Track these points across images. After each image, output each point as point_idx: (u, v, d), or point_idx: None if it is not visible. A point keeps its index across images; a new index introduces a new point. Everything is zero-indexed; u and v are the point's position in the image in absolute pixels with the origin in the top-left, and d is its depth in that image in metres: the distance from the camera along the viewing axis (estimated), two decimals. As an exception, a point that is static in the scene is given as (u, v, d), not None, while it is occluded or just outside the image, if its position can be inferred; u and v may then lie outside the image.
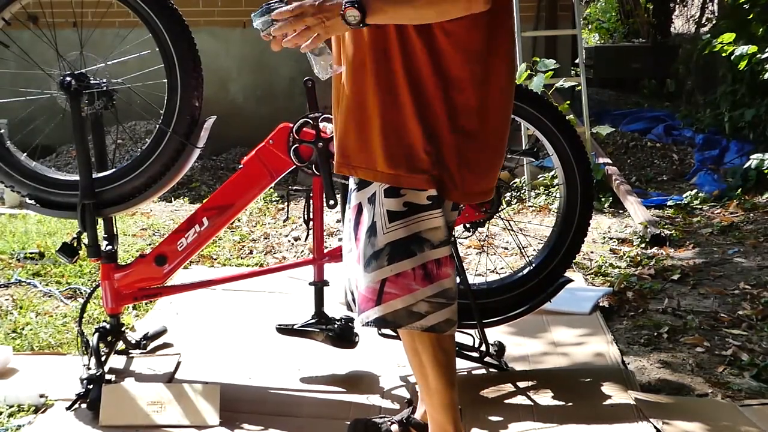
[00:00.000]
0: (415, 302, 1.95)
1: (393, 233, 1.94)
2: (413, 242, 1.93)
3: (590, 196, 2.82)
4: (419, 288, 1.94)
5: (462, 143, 1.92)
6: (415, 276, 1.94)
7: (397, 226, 1.94)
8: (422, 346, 2.00)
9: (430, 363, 2.01)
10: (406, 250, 1.93)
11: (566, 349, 2.98)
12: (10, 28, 2.74)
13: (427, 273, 1.94)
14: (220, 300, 3.49)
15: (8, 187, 2.73)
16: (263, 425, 2.44)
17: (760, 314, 3.27)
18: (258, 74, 7.11)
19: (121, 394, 2.48)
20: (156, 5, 2.57)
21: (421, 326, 1.96)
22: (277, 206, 5.28)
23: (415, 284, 1.94)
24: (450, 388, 2.03)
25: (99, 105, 2.66)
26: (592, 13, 12.75)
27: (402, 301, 1.94)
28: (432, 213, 1.94)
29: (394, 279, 1.94)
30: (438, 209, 1.94)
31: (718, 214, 4.89)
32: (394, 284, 1.94)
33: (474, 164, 1.95)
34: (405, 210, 1.93)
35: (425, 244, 1.93)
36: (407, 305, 1.95)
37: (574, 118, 5.35)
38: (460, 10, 1.80)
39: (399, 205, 1.93)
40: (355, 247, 2.03)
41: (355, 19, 1.76)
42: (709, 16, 10.50)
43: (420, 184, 1.92)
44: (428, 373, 2.03)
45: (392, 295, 1.95)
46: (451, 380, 2.04)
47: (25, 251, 4.08)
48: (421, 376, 2.05)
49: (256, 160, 2.66)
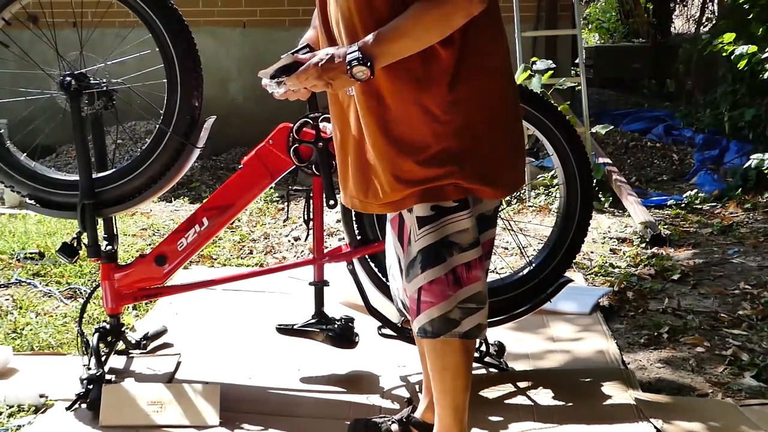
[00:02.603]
0: (450, 309, 1.92)
1: (423, 239, 1.93)
2: (443, 247, 1.91)
3: (590, 196, 2.82)
4: (453, 294, 1.92)
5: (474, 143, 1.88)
6: (448, 282, 1.91)
7: (426, 232, 1.92)
8: (450, 347, 1.98)
9: (453, 364, 1.99)
10: (437, 256, 1.91)
11: (566, 348, 2.98)
12: (10, 28, 2.74)
13: (457, 277, 1.92)
14: (220, 300, 3.49)
15: (8, 187, 2.73)
16: (263, 425, 2.44)
17: (761, 314, 3.27)
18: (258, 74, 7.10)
19: (121, 394, 2.48)
20: (156, 5, 2.57)
21: (458, 333, 1.94)
22: (277, 206, 5.28)
23: (449, 290, 1.91)
24: (465, 392, 2.03)
25: (99, 105, 2.66)
26: (592, 13, 12.76)
27: (438, 308, 1.93)
28: (460, 215, 1.91)
29: (428, 287, 1.92)
30: (466, 210, 1.92)
31: (718, 214, 4.89)
32: (429, 292, 1.93)
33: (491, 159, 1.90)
34: (433, 214, 1.91)
35: (454, 247, 1.92)
36: (444, 312, 1.93)
37: (574, 118, 5.35)
38: (462, 18, 1.77)
39: (427, 210, 1.91)
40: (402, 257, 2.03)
41: (364, 74, 1.76)
42: (709, 16, 10.49)
43: (447, 195, 1.90)
44: (447, 377, 2.00)
45: (428, 303, 1.93)
46: (467, 383, 2.03)
47: (25, 251, 4.08)
48: (440, 376, 2.02)
49: (256, 160, 2.66)
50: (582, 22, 8.17)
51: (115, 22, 4.64)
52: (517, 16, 5.41)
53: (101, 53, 2.75)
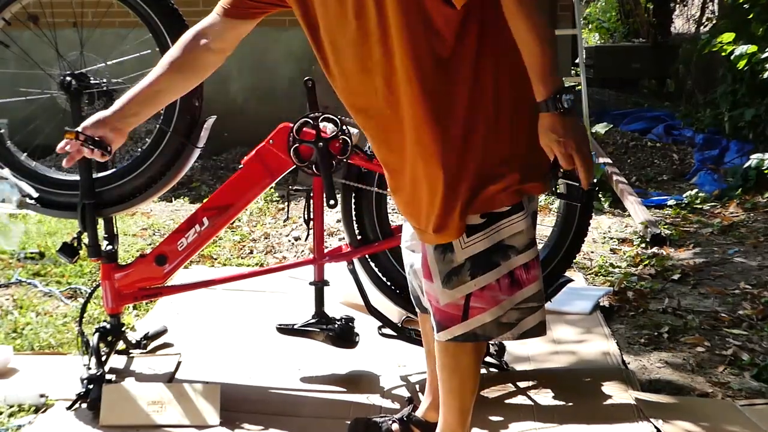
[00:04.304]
0: (503, 313, 1.88)
1: (472, 247, 1.85)
2: (496, 252, 1.85)
3: (590, 196, 2.81)
4: (507, 297, 1.87)
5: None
6: (500, 286, 1.86)
7: (476, 239, 1.85)
8: (462, 349, 1.95)
9: (465, 366, 1.98)
10: (488, 263, 1.85)
11: (567, 348, 2.98)
12: (10, 28, 2.74)
13: (515, 280, 1.87)
14: (220, 300, 3.49)
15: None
16: (263, 425, 2.44)
17: (761, 314, 3.27)
18: (258, 74, 7.10)
19: (121, 394, 2.48)
20: (156, 5, 2.57)
21: (513, 335, 1.91)
22: (277, 206, 5.28)
23: (502, 295, 1.87)
24: (472, 394, 2.02)
25: (99, 105, 2.66)
26: (592, 12, 12.74)
27: (490, 314, 1.88)
28: (513, 218, 1.84)
29: (479, 293, 1.87)
30: (520, 212, 1.84)
31: (718, 214, 4.89)
32: (480, 298, 1.87)
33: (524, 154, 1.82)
34: (483, 222, 1.84)
35: (510, 250, 1.85)
36: (495, 317, 1.88)
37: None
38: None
39: (476, 219, 1.83)
40: (419, 260, 1.98)
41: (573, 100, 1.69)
42: (709, 16, 10.50)
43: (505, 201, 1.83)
44: (455, 378, 1.99)
45: (479, 309, 1.88)
46: (476, 386, 2.02)
47: (25, 251, 4.08)
48: (449, 377, 2.00)
49: (256, 160, 2.66)
50: (582, 22, 8.16)
51: (115, 22, 4.64)
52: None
53: (101, 53, 2.75)
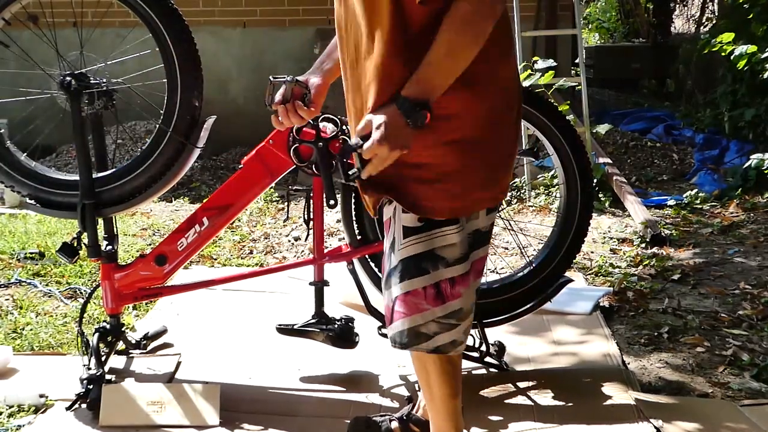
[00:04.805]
0: (423, 322, 1.86)
1: (406, 249, 1.85)
2: (426, 259, 1.84)
3: (590, 196, 2.82)
4: (429, 308, 1.85)
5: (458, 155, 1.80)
6: (426, 295, 1.85)
7: (411, 242, 1.85)
8: (430, 358, 1.95)
9: (435, 372, 1.97)
10: (418, 268, 1.85)
11: (567, 349, 2.98)
12: (10, 28, 2.74)
13: (440, 292, 1.85)
14: (220, 300, 3.49)
15: (8, 187, 2.73)
16: (263, 425, 2.45)
17: (761, 314, 3.27)
18: (258, 74, 7.09)
19: (121, 394, 2.48)
20: (156, 5, 2.57)
21: (427, 348, 1.89)
22: (277, 206, 5.28)
23: (426, 304, 1.85)
24: (454, 397, 2.01)
25: (99, 105, 2.66)
26: (592, 12, 12.74)
27: (410, 320, 1.86)
28: (448, 229, 1.84)
29: (404, 297, 1.86)
30: (455, 225, 1.84)
31: (718, 214, 4.89)
32: (404, 303, 1.87)
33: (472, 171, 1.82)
34: (421, 225, 1.84)
35: (440, 261, 1.84)
36: (415, 325, 1.86)
37: (574, 118, 5.35)
38: (490, 27, 1.70)
39: (414, 221, 1.84)
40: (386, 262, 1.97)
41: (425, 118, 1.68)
42: (709, 16, 10.50)
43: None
44: (433, 384, 1.99)
45: (400, 314, 1.88)
46: (456, 389, 2.02)
47: (25, 251, 4.08)
48: (425, 384, 2.01)
49: (256, 160, 2.66)
50: (582, 22, 8.15)
51: (115, 22, 4.65)
52: (517, 15, 5.41)
53: (101, 53, 2.75)
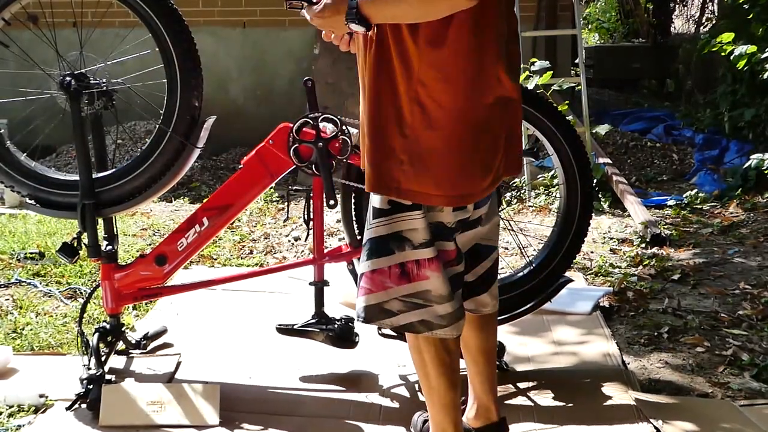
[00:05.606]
0: (387, 299, 1.97)
1: (375, 229, 1.98)
2: (393, 240, 1.96)
3: (590, 196, 2.82)
4: (393, 286, 1.96)
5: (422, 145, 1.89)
6: (390, 274, 1.96)
7: (379, 223, 1.97)
8: (425, 345, 2.00)
9: (432, 362, 2.01)
10: (385, 248, 1.97)
11: (567, 349, 2.98)
12: (10, 28, 2.74)
13: (405, 272, 1.96)
14: (220, 300, 3.49)
15: (8, 187, 2.73)
16: (263, 425, 2.45)
17: (761, 314, 3.27)
18: (258, 74, 7.11)
19: (121, 394, 2.48)
20: (156, 5, 2.57)
21: (390, 324, 2.01)
22: (277, 206, 5.28)
23: (390, 282, 1.96)
24: (451, 389, 2.03)
25: (99, 105, 2.66)
26: (592, 13, 12.74)
27: (375, 297, 1.98)
28: (412, 214, 1.94)
29: (370, 275, 1.98)
30: (418, 211, 1.94)
31: (718, 214, 4.89)
32: (370, 280, 1.98)
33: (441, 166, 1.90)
34: (389, 208, 1.96)
35: (406, 243, 1.95)
36: (379, 302, 1.98)
37: (574, 119, 5.35)
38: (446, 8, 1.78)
39: (384, 203, 1.96)
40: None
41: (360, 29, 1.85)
42: (709, 16, 10.49)
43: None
44: (430, 372, 2.02)
45: (366, 290, 1.99)
46: (454, 381, 2.04)
47: (25, 251, 4.08)
48: (423, 374, 2.05)
49: (256, 160, 2.66)
50: (582, 22, 8.15)
51: (115, 22, 4.64)
52: (517, 16, 5.40)
53: (101, 53, 2.75)
